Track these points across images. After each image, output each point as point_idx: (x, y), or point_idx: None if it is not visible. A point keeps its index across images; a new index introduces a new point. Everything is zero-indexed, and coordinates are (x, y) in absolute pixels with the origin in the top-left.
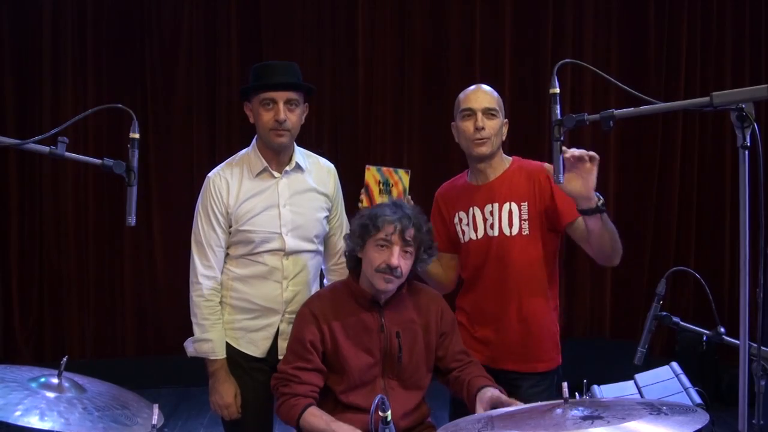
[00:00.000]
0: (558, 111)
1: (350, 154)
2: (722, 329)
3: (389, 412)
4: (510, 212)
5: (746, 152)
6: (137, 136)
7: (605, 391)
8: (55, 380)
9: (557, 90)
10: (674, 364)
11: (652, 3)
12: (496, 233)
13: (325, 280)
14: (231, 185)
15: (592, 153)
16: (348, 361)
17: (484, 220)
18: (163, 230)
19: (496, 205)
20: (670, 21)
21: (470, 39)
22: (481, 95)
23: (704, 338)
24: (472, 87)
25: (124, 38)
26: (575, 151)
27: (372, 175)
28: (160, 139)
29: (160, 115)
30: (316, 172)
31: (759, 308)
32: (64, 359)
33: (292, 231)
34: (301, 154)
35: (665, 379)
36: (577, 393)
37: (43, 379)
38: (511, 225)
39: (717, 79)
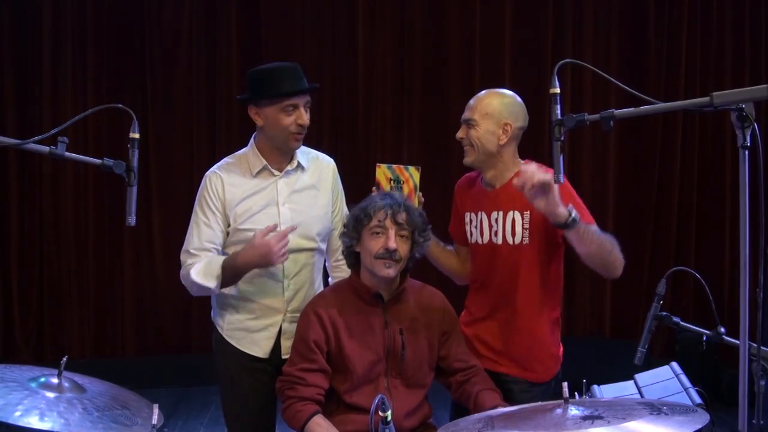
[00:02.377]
0: (558, 111)
1: (350, 154)
2: (722, 329)
3: (389, 412)
4: (513, 221)
5: (746, 152)
6: (137, 136)
7: (605, 391)
8: (55, 380)
9: (557, 90)
10: (674, 364)
11: (652, 3)
12: (500, 242)
13: (330, 279)
14: (229, 183)
15: (538, 181)
16: (352, 360)
17: (490, 226)
18: (163, 230)
19: (501, 213)
20: (670, 21)
21: (470, 39)
22: (469, 105)
23: (704, 338)
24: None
25: (124, 38)
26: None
27: (383, 172)
28: (160, 139)
29: (160, 115)
30: (315, 169)
31: (759, 308)
32: (64, 359)
33: None
34: (300, 152)
35: (665, 379)
36: (577, 393)
37: (43, 379)
38: (514, 234)
39: (717, 79)
